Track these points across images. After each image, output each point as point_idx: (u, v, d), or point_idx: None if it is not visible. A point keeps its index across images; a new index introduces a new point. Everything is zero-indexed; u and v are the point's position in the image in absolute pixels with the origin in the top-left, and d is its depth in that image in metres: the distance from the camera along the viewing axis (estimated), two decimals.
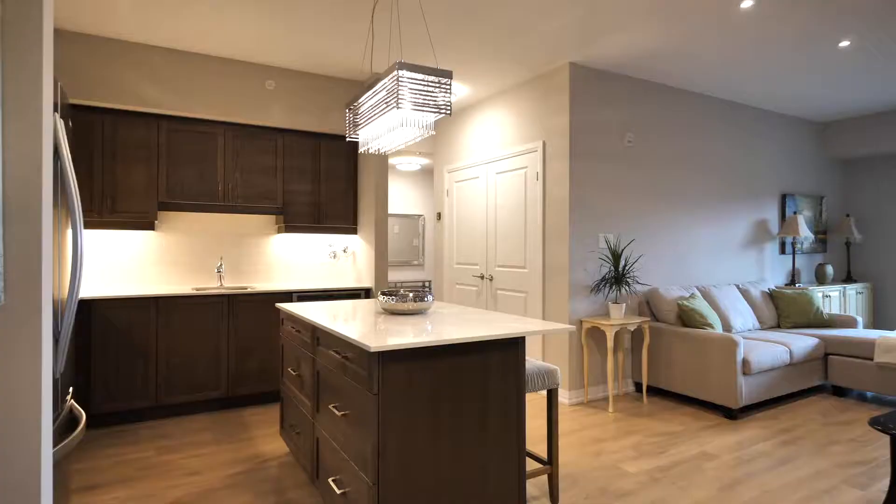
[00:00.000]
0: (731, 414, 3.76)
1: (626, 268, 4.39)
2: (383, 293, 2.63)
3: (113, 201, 3.79)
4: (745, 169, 5.42)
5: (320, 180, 4.59)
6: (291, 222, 4.44)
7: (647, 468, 2.91)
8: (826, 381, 4.42)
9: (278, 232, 4.60)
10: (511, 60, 4.15)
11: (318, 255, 4.84)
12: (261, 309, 4.02)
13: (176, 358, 3.72)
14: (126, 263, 4.05)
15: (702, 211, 5.04)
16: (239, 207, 4.29)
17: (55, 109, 1.74)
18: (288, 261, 4.70)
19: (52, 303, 1.59)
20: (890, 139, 5.72)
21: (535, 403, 4.15)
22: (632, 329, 4.15)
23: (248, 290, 3.98)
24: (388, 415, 1.84)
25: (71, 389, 2.24)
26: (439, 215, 5.92)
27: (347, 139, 3.03)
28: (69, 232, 2.19)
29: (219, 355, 3.86)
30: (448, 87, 2.51)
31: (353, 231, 4.75)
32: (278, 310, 4.06)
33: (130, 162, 3.85)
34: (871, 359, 4.12)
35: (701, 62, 4.17)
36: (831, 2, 3.18)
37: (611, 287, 4.19)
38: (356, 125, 2.93)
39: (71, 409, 2.11)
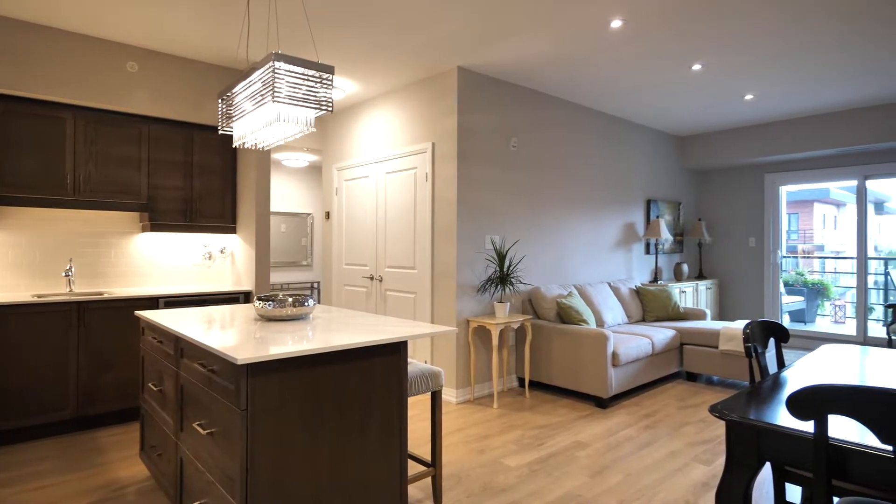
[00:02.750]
0: (603, 403, 4.06)
1: (511, 268, 4.56)
2: (259, 298, 2.47)
3: None
4: (616, 175, 5.90)
5: (193, 175, 4.22)
6: (159, 220, 4.03)
7: (526, 461, 3.03)
8: (681, 368, 4.95)
9: (143, 230, 4.16)
10: (400, 60, 4.12)
11: (190, 256, 4.45)
12: (119, 317, 3.59)
13: (9, 377, 3.20)
14: None
15: (579, 214, 5.40)
16: (93, 203, 3.80)
17: None
18: (155, 263, 4.27)
19: None
20: (733, 153, 6.56)
21: (421, 405, 4.16)
22: (515, 327, 4.32)
23: (105, 296, 3.54)
24: (259, 431, 1.72)
25: None
26: (328, 214, 5.74)
27: (220, 132, 2.80)
28: None
29: (66, 371, 3.39)
30: (329, 82, 2.41)
31: (232, 230, 4.43)
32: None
33: None
34: (717, 347, 4.67)
35: (577, 75, 4.45)
36: (687, 27, 3.55)
37: (496, 287, 4.33)
38: (230, 117, 2.72)
39: None
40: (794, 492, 2.63)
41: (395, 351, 2.12)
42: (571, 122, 5.27)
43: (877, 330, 6.20)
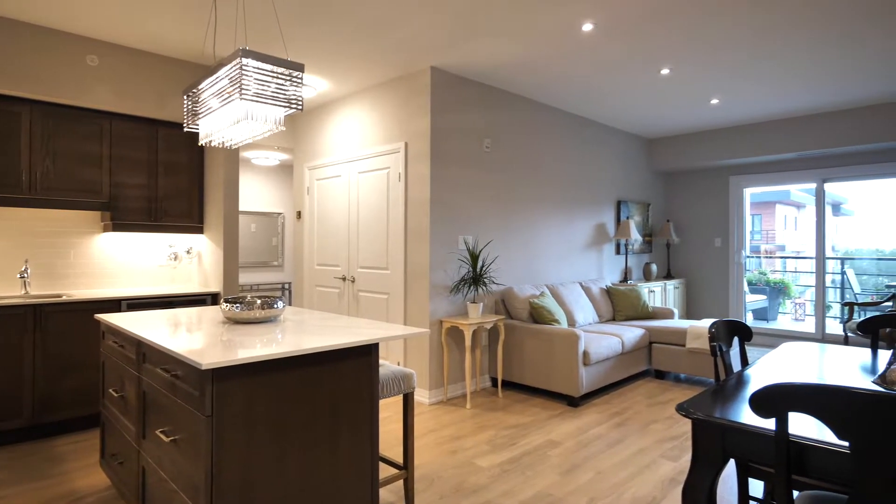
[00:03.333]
0: (574, 402, 4.11)
1: (484, 268, 4.57)
2: (227, 300, 2.41)
3: None
4: (587, 177, 5.97)
5: (158, 173, 4.09)
6: (121, 219, 3.90)
7: (499, 461, 3.04)
8: (650, 366, 5.05)
9: (104, 230, 4.01)
10: (372, 59, 4.08)
11: (155, 256, 4.32)
12: (80, 320, 3.46)
13: None
14: None
15: (552, 214, 5.45)
16: (51, 201, 3.65)
17: None
18: (117, 264, 4.12)
19: None
20: (699, 156, 6.72)
21: (393, 406, 4.13)
22: (488, 327, 4.33)
23: (63, 298, 3.41)
24: (225, 437, 1.67)
25: None
26: (299, 214, 5.65)
27: (185, 129, 2.72)
28: None
29: (21, 377, 3.25)
30: (299, 80, 2.37)
31: (199, 230, 4.32)
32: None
33: None
34: (684, 345, 4.78)
35: (550, 77, 4.49)
36: (656, 32, 3.61)
37: (469, 287, 4.33)
38: (196, 114, 2.65)
39: None
40: (756, 486, 2.71)
41: (367, 353, 2.10)
42: (544, 124, 5.32)
43: (834, 327, 6.44)
